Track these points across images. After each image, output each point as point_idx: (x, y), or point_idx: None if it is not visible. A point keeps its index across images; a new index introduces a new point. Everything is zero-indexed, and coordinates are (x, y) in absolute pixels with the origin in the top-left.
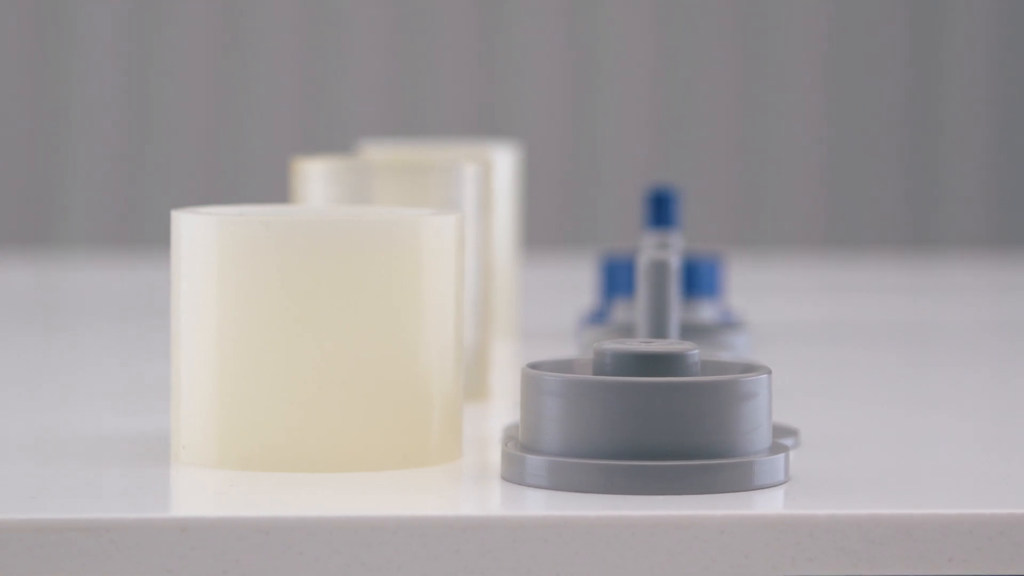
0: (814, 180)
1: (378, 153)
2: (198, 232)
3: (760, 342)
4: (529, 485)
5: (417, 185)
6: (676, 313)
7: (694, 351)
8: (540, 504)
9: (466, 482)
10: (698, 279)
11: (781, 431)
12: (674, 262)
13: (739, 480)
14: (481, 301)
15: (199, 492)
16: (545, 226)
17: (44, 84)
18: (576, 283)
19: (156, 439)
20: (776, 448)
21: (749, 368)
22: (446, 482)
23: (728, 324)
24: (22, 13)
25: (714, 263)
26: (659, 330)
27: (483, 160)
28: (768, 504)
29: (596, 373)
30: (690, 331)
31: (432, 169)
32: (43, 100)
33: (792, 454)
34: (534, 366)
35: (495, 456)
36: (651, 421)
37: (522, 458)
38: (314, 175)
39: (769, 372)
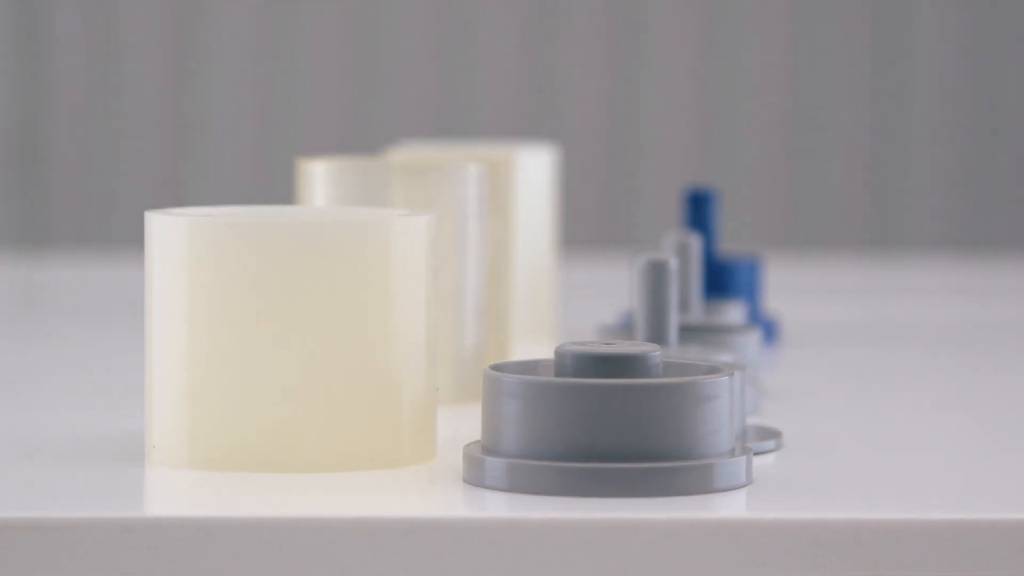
0: (858, 181)
1: (401, 154)
2: (167, 233)
3: (790, 343)
4: (489, 487)
5: (418, 185)
6: (675, 314)
7: (655, 353)
8: (492, 506)
9: (428, 484)
10: (734, 280)
11: (765, 433)
12: (672, 263)
13: (697, 483)
14: (487, 302)
15: (156, 492)
16: (588, 227)
17: (96, 83)
18: (620, 284)
19: (132, 439)
20: (738, 451)
21: (713, 370)
22: (408, 484)
23: (745, 326)
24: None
25: (751, 264)
26: (657, 331)
27: (506, 160)
28: (720, 507)
29: (557, 375)
30: (702, 332)
31: (433, 169)
32: (96, 99)
33: (772, 456)
34: (496, 367)
35: None
36: (607, 423)
37: (482, 460)
38: (317, 176)
39: (732, 374)
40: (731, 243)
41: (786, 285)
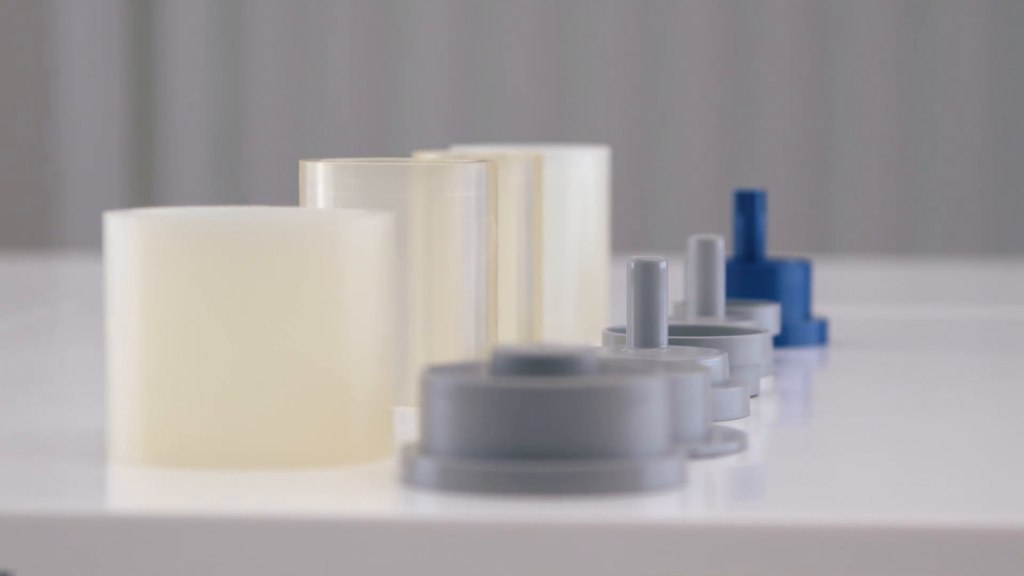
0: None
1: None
2: (122, 233)
3: (840, 345)
4: (422, 487)
5: (416, 185)
6: (665, 315)
7: (590, 353)
8: (417, 506)
9: (366, 484)
10: (784, 282)
11: (729, 435)
12: (662, 264)
13: (622, 484)
14: (486, 301)
15: (95, 487)
16: (624, 229)
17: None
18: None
19: (97, 437)
20: (669, 452)
21: (647, 371)
22: (348, 483)
23: (753, 329)
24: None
25: (802, 266)
26: (648, 332)
27: (534, 161)
28: (641, 509)
29: (492, 375)
30: (707, 334)
31: (433, 170)
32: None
33: (734, 459)
34: (433, 368)
35: None
36: (530, 425)
37: (414, 460)
38: (318, 176)
39: (668, 378)
40: (789, 246)
41: (828, 288)
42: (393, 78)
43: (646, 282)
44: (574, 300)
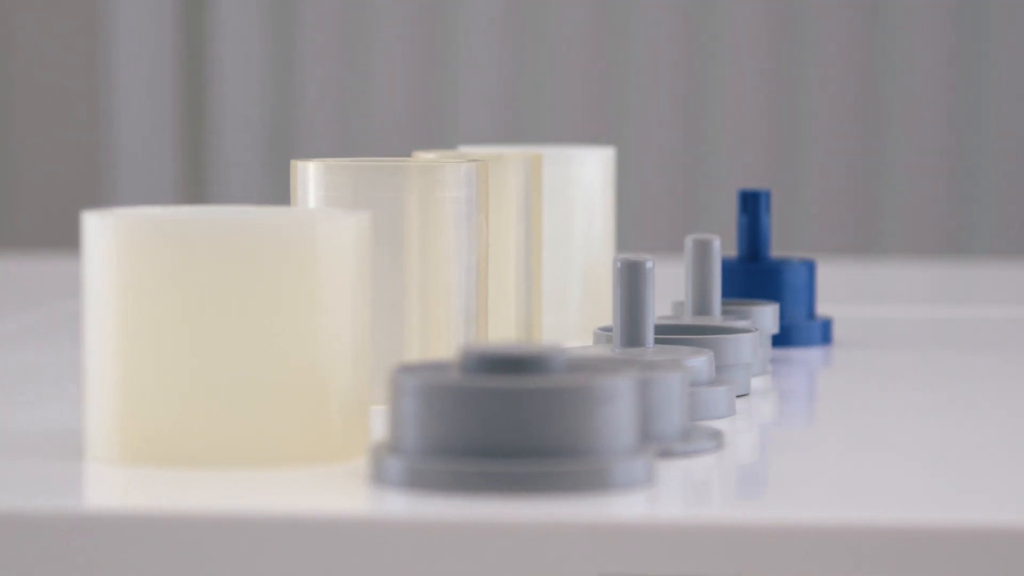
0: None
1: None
2: (98, 232)
3: (845, 346)
4: (390, 486)
5: (405, 184)
6: (651, 314)
7: (558, 353)
8: (384, 504)
9: (336, 482)
10: (787, 281)
11: (707, 434)
12: (648, 264)
13: (588, 482)
14: (477, 300)
15: (70, 485)
16: (648, 228)
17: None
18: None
19: (74, 436)
20: (637, 451)
21: (615, 371)
22: (319, 481)
23: (743, 328)
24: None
25: (805, 265)
26: (634, 332)
27: (532, 161)
28: (605, 508)
29: (461, 374)
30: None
31: (426, 170)
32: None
33: (711, 458)
34: (403, 368)
35: None
36: (497, 423)
37: (382, 459)
38: (309, 176)
39: (637, 377)
40: (791, 245)
41: (845, 288)
42: (442, 75)
43: (632, 281)
44: (578, 300)
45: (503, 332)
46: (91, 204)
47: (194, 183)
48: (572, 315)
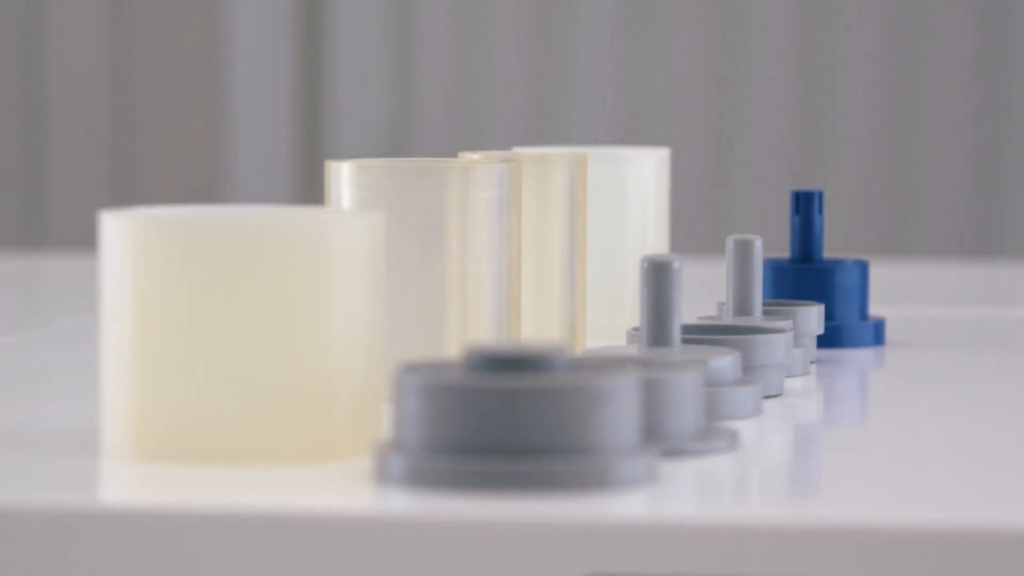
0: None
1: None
2: (114, 231)
3: (897, 346)
4: (393, 483)
5: (438, 185)
6: (678, 314)
7: (561, 352)
8: (383, 501)
9: (342, 480)
10: (841, 282)
11: (721, 435)
12: (676, 264)
13: (588, 481)
14: (508, 300)
15: (85, 482)
16: (692, 228)
17: None
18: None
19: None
20: (638, 450)
21: (617, 370)
22: (325, 479)
23: (777, 327)
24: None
25: (859, 266)
26: (660, 332)
27: (578, 161)
28: (605, 507)
29: (465, 373)
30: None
31: (453, 170)
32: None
33: (727, 458)
34: (407, 366)
35: None
36: (499, 422)
37: (385, 456)
38: (343, 177)
39: (638, 377)
40: (833, 245)
41: (890, 289)
42: (559, 74)
43: (659, 281)
44: (632, 301)
45: (546, 332)
46: (210, 204)
47: (311, 183)
48: (626, 316)
